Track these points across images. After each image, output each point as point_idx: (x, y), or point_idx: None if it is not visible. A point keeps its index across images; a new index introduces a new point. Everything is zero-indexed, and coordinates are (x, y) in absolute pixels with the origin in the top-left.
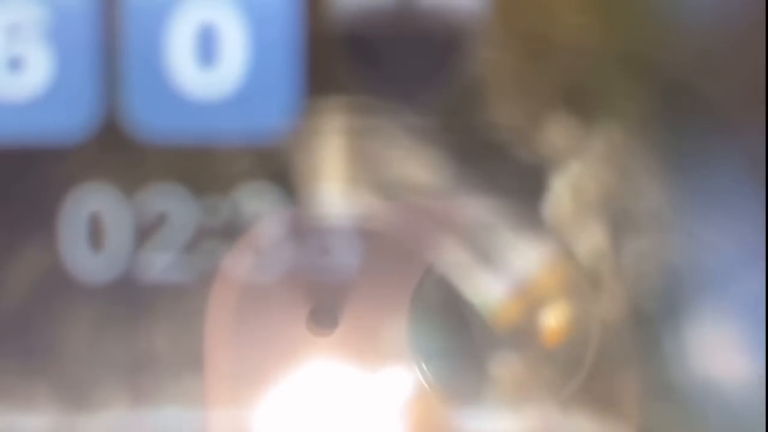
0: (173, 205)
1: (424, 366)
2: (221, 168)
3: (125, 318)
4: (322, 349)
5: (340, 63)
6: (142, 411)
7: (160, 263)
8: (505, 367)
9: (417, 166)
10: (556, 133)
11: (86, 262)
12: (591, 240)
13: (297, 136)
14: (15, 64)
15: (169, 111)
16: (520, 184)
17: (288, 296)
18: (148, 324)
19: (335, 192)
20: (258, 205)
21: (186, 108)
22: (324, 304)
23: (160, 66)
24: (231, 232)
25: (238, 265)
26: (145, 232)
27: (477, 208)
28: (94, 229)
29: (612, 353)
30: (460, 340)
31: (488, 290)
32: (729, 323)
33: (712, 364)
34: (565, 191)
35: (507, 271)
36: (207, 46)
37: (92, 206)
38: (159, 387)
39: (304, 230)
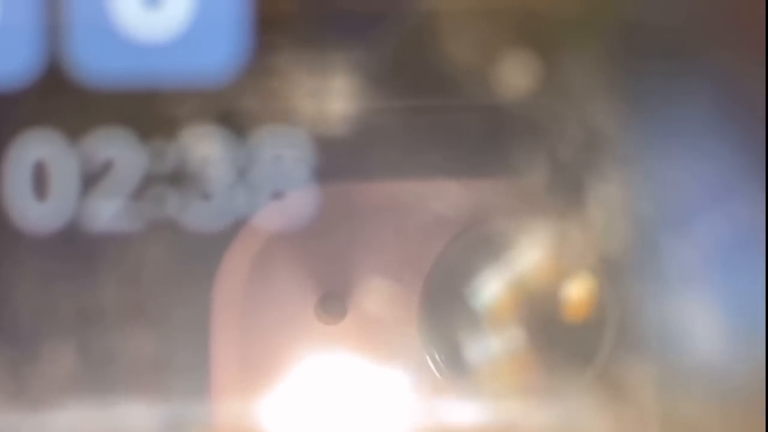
0: (119, 150)
1: (435, 354)
2: (168, 111)
3: (72, 268)
4: (330, 338)
5: (288, 1)
6: (88, 362)
7: (107, 211)
8: (519, 355)
9: (369, 102)
10: (514, 70)
11: (31, 211)
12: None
13: (245, 77)
14: None
15: (113, 53)
16: (477, 124)
17: (296, 284)
18: (95, 274)
19: (284, 133)
20: (206, 149)
21: (131, 50)
22: (332, 291)
23: (103, 7)
24: (179, 177)
25: (243, 249)
26: (91, 179)
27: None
28: (39, 176)
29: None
30: (472, 328)
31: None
32: (702, 271)
33: (685, 315)
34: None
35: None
36: None
37: (36, 153)
38: (106, 338)
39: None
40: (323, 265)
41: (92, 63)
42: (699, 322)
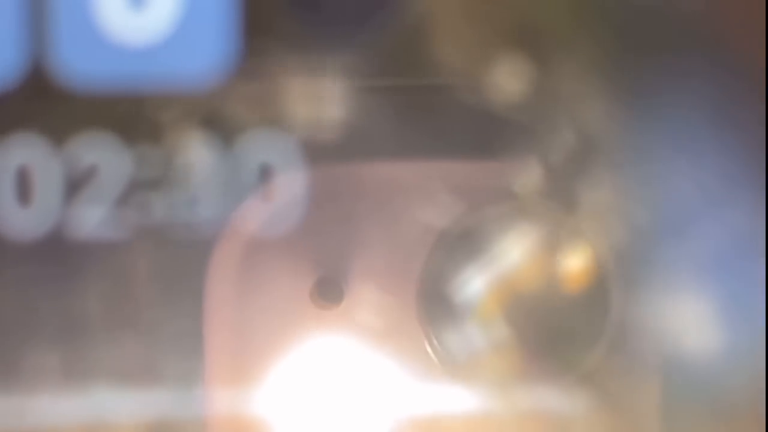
0: (104, 155)
1: (434, 340)
2: (154, 116)
3: (56, 275)
4: (327, 323)
5: (277, 3)
6: (73, 371)
7: (91, 217)
8: (516, 344)
9: (357, 108)
10: (505, 76)
11: (14, 218)
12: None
13: (232, 81)
14: None
15: (98, 56)
16: (466, 128)
17: (291, 267)
18: (79, 282)
19: (272, 138)
20: (192, 154)
21: (116, 53)
22: (329, 275)
23: (88, 9)
24: (164, 183)
25: (235, 233)
26: (75, 185)
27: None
28: (22, 182)
29: (573, 312)
30: (471, 314)
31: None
32: (693, 279)
33: (675, 326)
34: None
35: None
36: None
37: (19, 158)
38: (91, 346)
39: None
40: (320, 248)
41: (76, 66)
42: (695, 329)
